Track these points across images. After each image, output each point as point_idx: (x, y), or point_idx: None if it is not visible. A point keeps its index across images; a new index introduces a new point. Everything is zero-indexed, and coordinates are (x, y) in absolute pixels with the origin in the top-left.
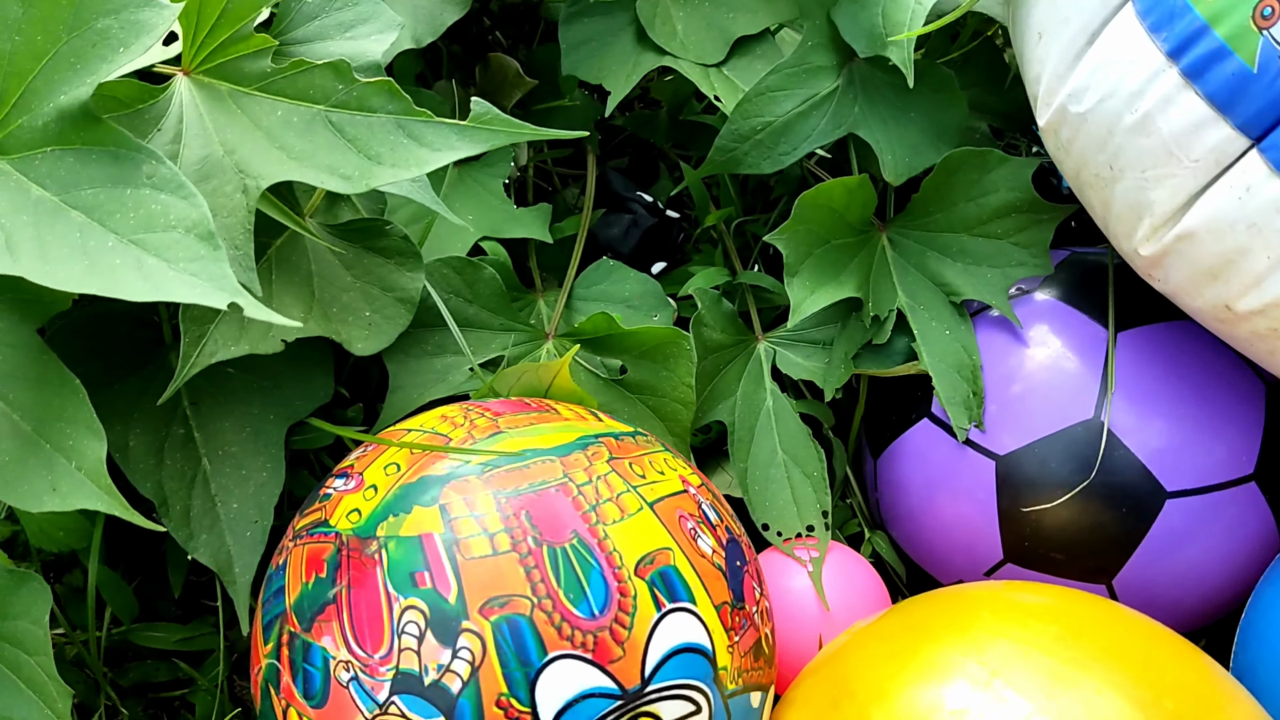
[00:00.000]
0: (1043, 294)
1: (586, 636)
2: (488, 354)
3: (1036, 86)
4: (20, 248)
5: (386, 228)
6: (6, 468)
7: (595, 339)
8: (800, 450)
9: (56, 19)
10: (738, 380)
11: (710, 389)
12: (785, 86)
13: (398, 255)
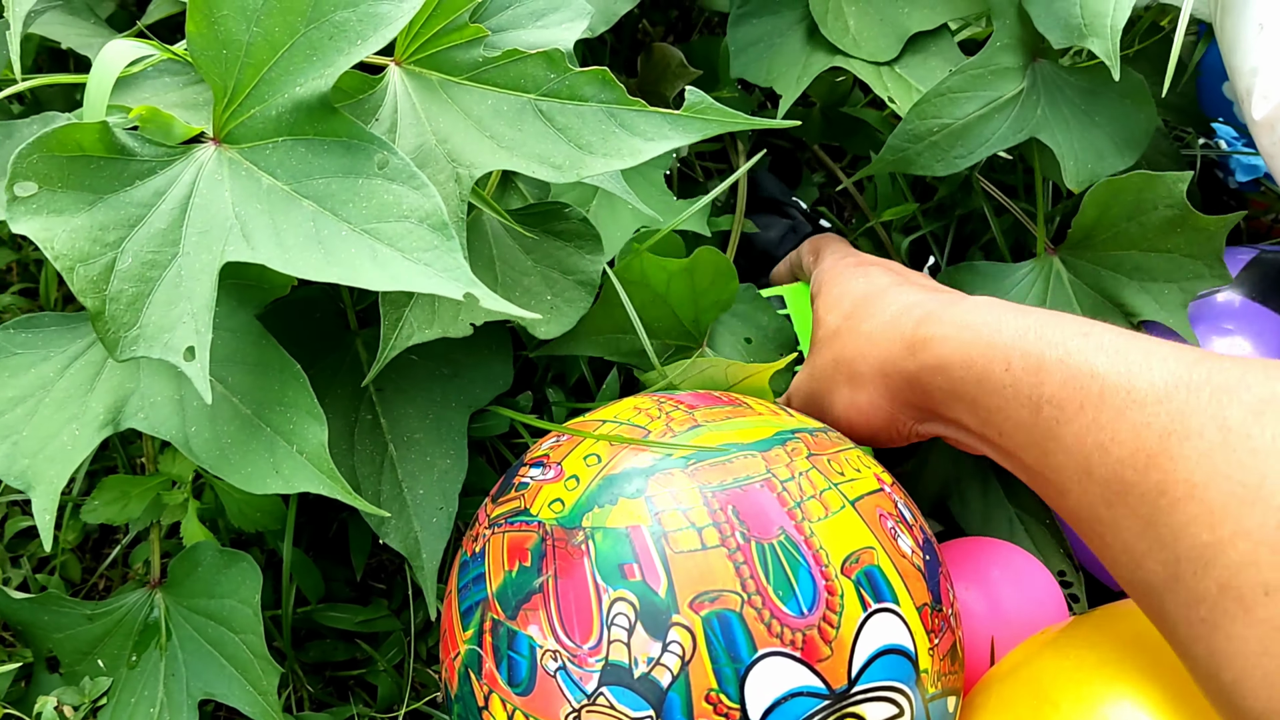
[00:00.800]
0: (1229, 293)
1: (795, 634)
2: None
3: (1253, 79)
4: (256, 236)
5: (565, 210)
6: (230, 450)
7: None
8: (1024, 496)
9: (295, 10)
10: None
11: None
12: (968, 88)
13: (577, 238)
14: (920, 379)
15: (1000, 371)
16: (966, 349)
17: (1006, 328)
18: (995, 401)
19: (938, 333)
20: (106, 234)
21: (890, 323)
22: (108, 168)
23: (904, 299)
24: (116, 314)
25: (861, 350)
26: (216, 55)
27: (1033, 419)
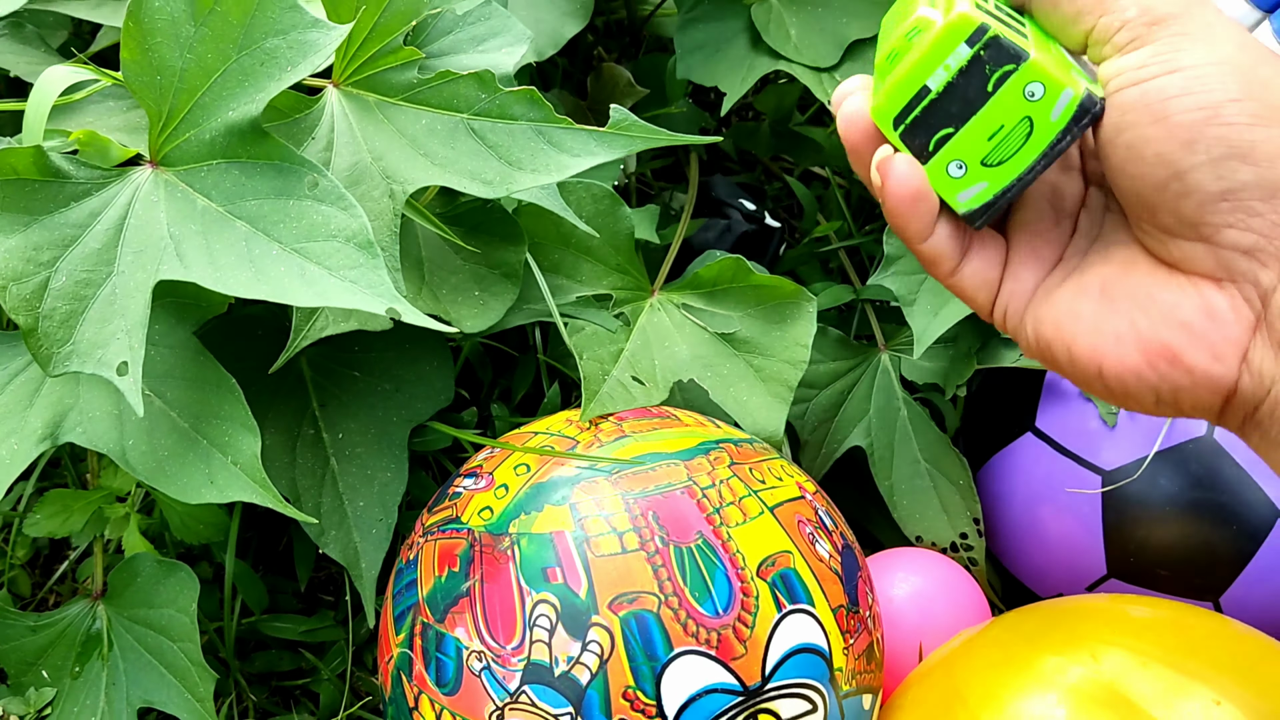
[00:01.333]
0: None
1: (711, 634)
2: (599, 288)
3: None
4: (190, 255)
5: (489, 206)
6: (166, 462)
7: (713, 285)
8: (943, 458)
9: (227, 38)
10: (868, 398)
11: (839, 418)
12: None
13: (503, 232)
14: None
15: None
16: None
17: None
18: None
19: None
20: (40, 254)
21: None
22: (42, 190)
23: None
24: (49, 330)
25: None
26: (151, 81)
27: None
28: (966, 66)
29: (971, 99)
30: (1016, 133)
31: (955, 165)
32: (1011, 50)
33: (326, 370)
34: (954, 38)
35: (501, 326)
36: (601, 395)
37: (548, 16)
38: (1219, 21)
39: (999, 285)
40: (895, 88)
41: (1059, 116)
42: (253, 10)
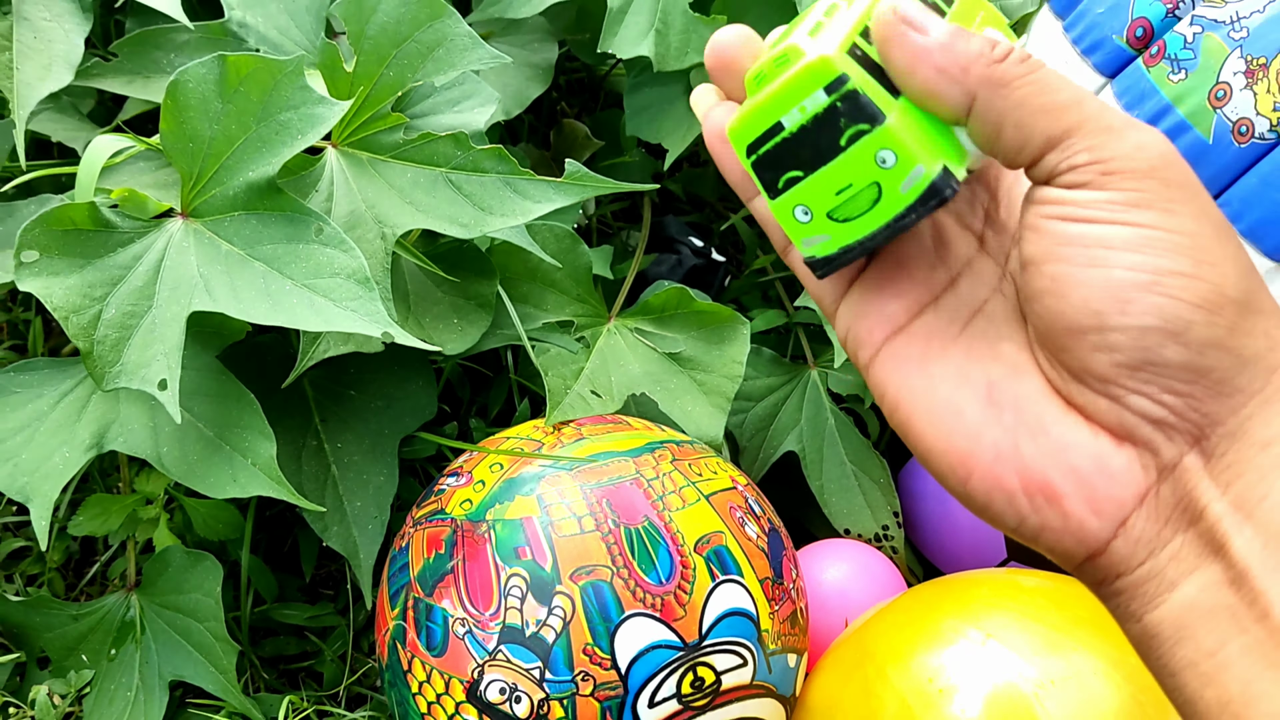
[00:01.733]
0: None
1: (656, 599)
2: (563, 315)
3: None
4: (216, 291)
5: (464, 247)
6: (196, 465)
7: (661, 311)
8: (865, 460)
9: (249, 112)
10: (799, 409)
11: (774, 426)
12: None
13: (477, 268)
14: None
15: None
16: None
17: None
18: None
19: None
20: (94, 290)
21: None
22: (95, 238)
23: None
24: (103, 354)
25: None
26: (184, 148)
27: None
28: (821, 114)
29: (823, 149)
30: (864, 195)
31: (801, 210)
32: (868, 109)
33: (327, 390)
34: (813, 81)
35: (477, 349)
36: (564, 405)
37: (514, 80)
38: (1180, 183)
39: (844, 290)
40: (752, 115)
41: (908, 190)
42: (270, 90)
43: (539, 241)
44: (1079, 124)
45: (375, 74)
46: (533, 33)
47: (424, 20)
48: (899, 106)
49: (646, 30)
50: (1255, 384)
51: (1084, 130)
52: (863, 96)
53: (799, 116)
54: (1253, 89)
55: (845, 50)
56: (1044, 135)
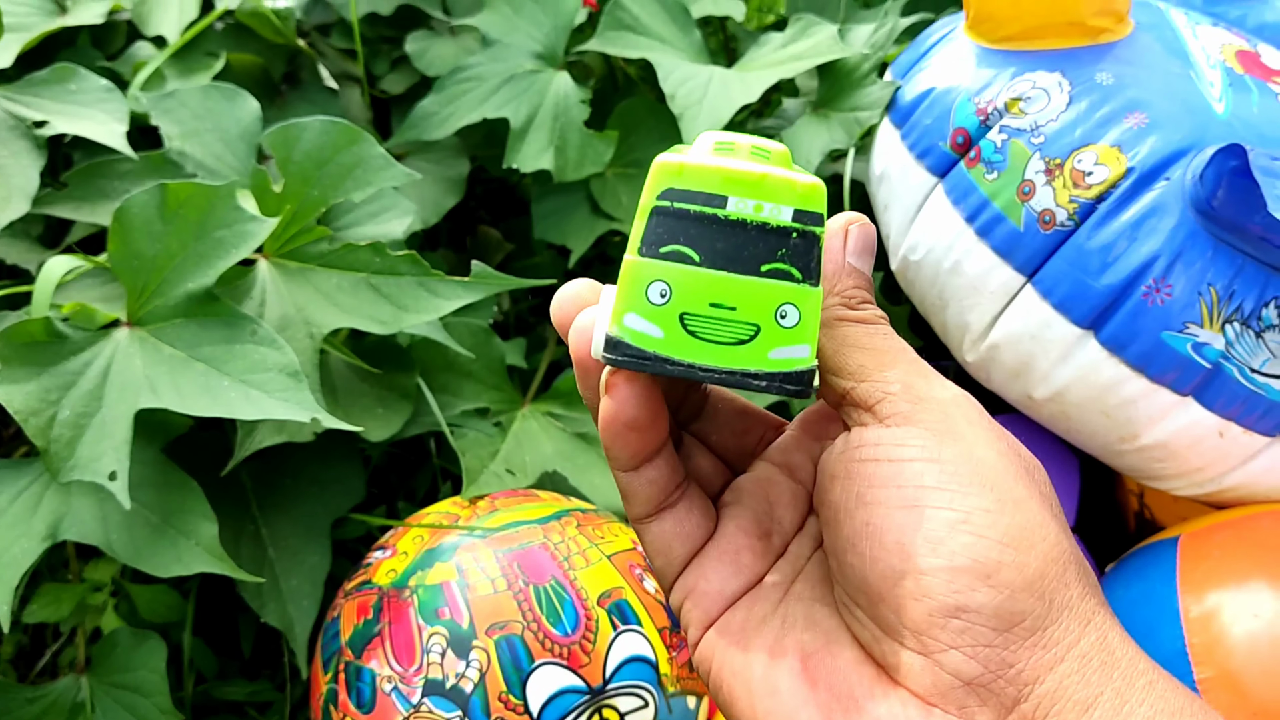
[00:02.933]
0: None
1: (562, 649)
2: (480, 403)
3: (887, 242)
4: (161, 389)
5: (390, 341)
6: (144, 548)
7: (569, 395)
8: None
9: (187, 231)
10: None
11: None
12: None
13: (398, 362)
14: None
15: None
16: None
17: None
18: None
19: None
20: (50, 394)
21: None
22: (50, 348)
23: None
24: (59, 450)
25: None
26: (130, 265)
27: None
28: (771, 229)
29: (740, 257)
30: (736, 329)
31: (660, 290)
32: (813, 264)
33: (262, 478)
34: (793, 198)
35: (401, 436)
36: (480, 482)
37: (431, 193)
38: (980, 422)
39: (684, 564)
40: (705, 171)
41: (778, 359)
42: (206, 211)
43: (456, 337)
44: (892, 363)
45: (301, 193)
46: (446, 151)
47: (343, 145)
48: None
49: (546, 147)
50: (1070, 636)
51: (898, 368)
52: (819, 249)
53: (748, 211)
54: (1052, 185)
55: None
56: (858, 364)
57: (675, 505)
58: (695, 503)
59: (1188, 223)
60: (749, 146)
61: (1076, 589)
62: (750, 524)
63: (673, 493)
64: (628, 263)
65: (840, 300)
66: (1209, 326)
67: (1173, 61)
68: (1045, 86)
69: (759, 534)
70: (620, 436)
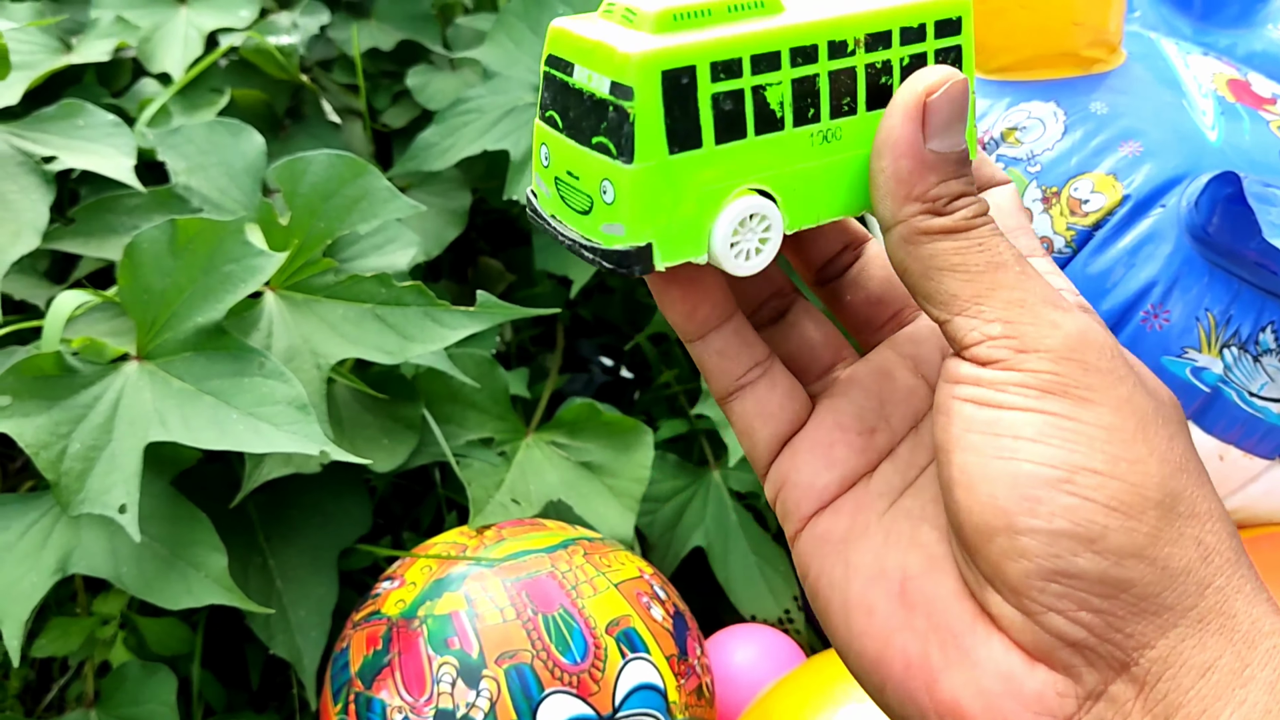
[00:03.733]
0: None
1: (572, 677)
2: (484, 433)
3: None
4: (170, 422)
5: (395, 372)
6: (154, 581)
7: (573, 424)
8: (767, 551)
9: (196, 266)
10: (704, 507)
11: (681, 524)
12: None
13: (403, 393)
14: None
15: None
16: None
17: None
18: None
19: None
20: (60, 428)
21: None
22: (60, 382)
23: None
24: (69, 484)
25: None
26: (139, 299)
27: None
28: (597, 100)
29: (580, 126)
30: (580, 197)
31: (545, 151)
32: (626, 140)
33: (270, 511)
34: (609, 67)
35: (406, 467)
36: (486, 512)
37: (434, 226)
38: (1101, 367)
39: (779, 448)
40: (567, 39)
41: (607, 234)
42: (215, 246)
43: (460, 366)
44: (991, 290)
45: (307, 226)
46: (448, 183)
47: (348, 178)
48: (683, 160)
49: None
50: (1186, 600)
51: (999, 299)
52: (631, 126)
53: (584, 80)
54: (1049, 213)
55: (682, 63)
56: (949, 293)
57: (756, 383)
58: (779, 381)
59: (1184, 249)
60: (623, 8)
61: (1196, 552)
62: (850, 417)
63: (750, 369)
64: (535, 124)
65: (923, 207)
66: (1207, 351)
67: (1165, 91)
68: (1040, 116)
69: (859, 429)
70: (664, 292)
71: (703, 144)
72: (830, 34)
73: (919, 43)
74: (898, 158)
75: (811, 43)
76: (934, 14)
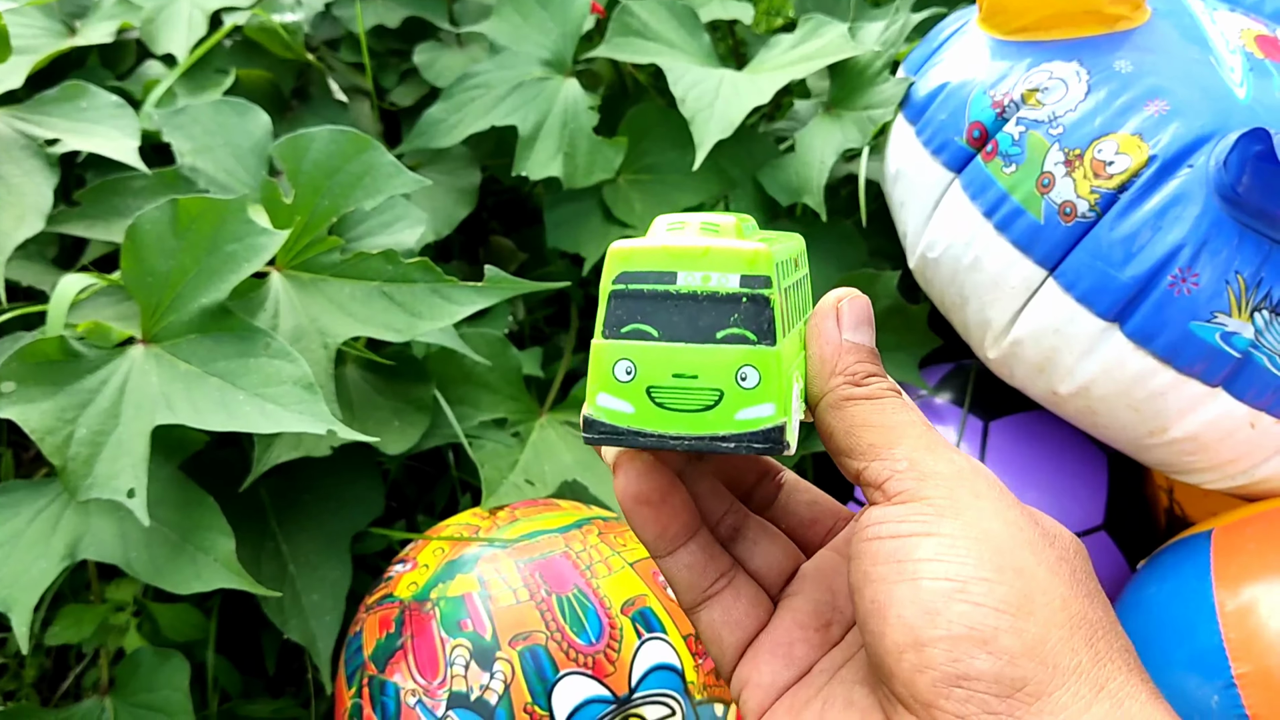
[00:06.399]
0: (940, 397)
1: (587, 658)
2: (497, 414)
3: (904, 241)
4: (176, 405)
5: (406, 353)
6: (163, 566)
7: None
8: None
9: (200, 246)
10: None
11: None
12: None
13: (414, 374)
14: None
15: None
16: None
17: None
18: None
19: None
20: (66, 413)
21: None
22: (65, 367)
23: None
24: (76, 469)
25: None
26: (143, 282)
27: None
28: (721, 297)
29: (696, 328)
30: (700, 395)
31: (626, 368)
32: (768, 324)
33: (281, 495)
34: (739, 264)
35: (418, 449)
36: (499, 493)
37: (443, 204)
38: (989, 493)
39: (739, 654)
40: (653, 252)
41: (745, 419)
42: (218, 226)
43: (472, 346)
44: (900, 438)
45: (312, 203)
46: (457, 161)
47: (352, 154)
48: (784, 347)
49: (555, 153)
50: (1080, 702)
51: (905, 444)
52: (771, 310)
53: (697, 284)
54: (1072, 176)
55: (775, 263)
56: (868, 444)
57: (721, 594)
58: (743, 590)
59: (1212, 210)
60: (699, 223)
61: (1087, 654)
62: (808, 615)
63: (716, 580)
64: (594, 346)
65: (845, 379)
66: (1237, 315)
67: (1191, 47)
68: (1063, 76)
69: (817, 625)
70: (635, 513)
71: (786, 334)
72: (781, 256)
73: (800, 269)
74: (823, 345)
75: (789, 259)
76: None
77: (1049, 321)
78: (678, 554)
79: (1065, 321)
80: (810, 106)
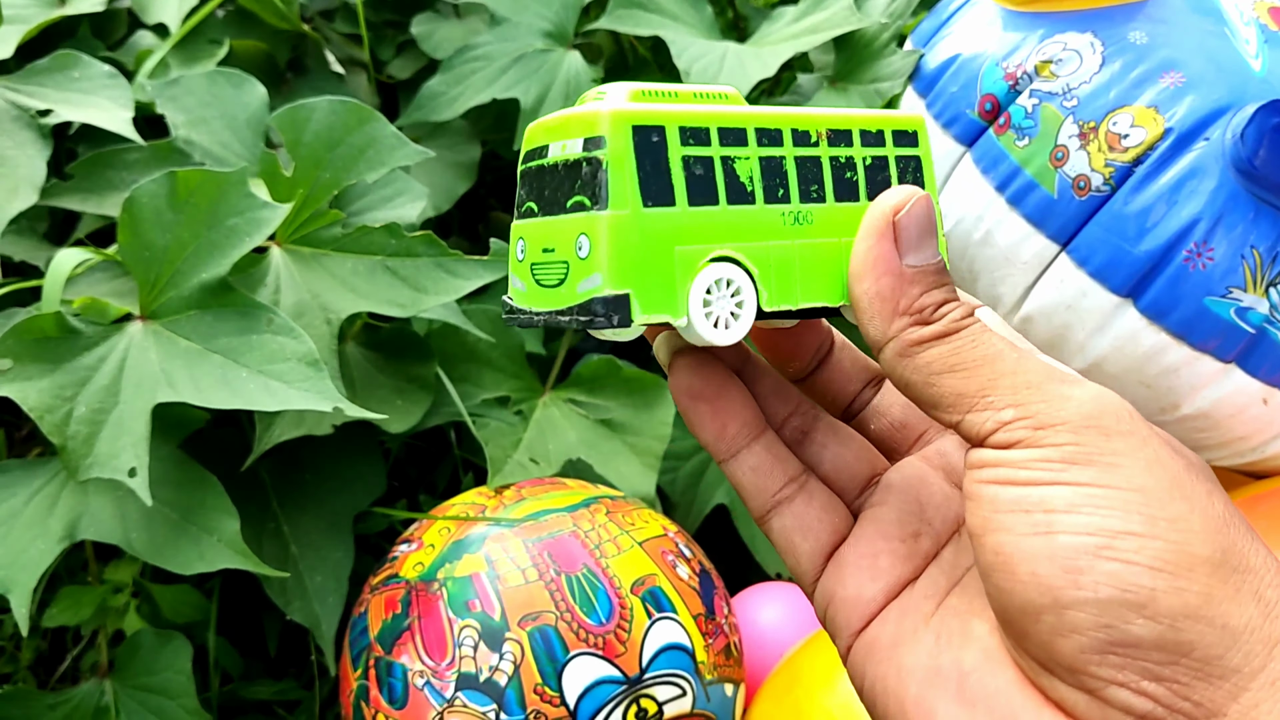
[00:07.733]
0: None
1: (597, 639)
2: (500, 392)
3: None
4: (178, 383)
5: (407, 332)
6: (164, 546)
7: (592, 382)
8: None
9: (199, 220)
10: None
11: (703, 482)
12: None
13: (416, 352)
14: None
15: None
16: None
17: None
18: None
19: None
20: (65, 391)
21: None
22: (62, 344)
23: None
24: (75, 448)
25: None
26: (141, 257)
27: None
28: (571, 164)
29: (556, 199)
30: (556, 268)
31: (521, 246)
32: (599, 188)
33: (282, 475)
34: (583, 128)
35: (421, 427)
36: (504, 472)
37: (443, 179)
38: (1119, 428)
39: (823, 563)
40: (540, 127)
41: (583, 290)
42: (217, 199)
43: (475, 323)
44: (994, 380)
45: (313, 176)
46: (456, 135)
47: (353, 125)
48: (657, 215)
49: None
50: (1253, 661)
51: (1002, 387)
52: (605, 172)
53: (559, 153)
54: (1086, 149)
55: (651, 122)
56: (955, 393)
57: (792, 499)
58: (815, 495)
59: (1228, 184)
60: (595, 92)
61: (1256, 608)
62: (892, 525)
63: (785, 485)
64: (513, 227)
65: (911, 319)
66: (1253, 290)
67: (1206, 19)
68: (1077, 48)
69: (902, 535)
70: (690, 410)
71: (675, 203)
72: (793, 124)
73: (879, 146)
74: (879, 277)
75: (775, 127)
76: (890, 124)
77: (1061, 297)
78: (741, 456)
79: (1078, 297)
80: (814, 80)
